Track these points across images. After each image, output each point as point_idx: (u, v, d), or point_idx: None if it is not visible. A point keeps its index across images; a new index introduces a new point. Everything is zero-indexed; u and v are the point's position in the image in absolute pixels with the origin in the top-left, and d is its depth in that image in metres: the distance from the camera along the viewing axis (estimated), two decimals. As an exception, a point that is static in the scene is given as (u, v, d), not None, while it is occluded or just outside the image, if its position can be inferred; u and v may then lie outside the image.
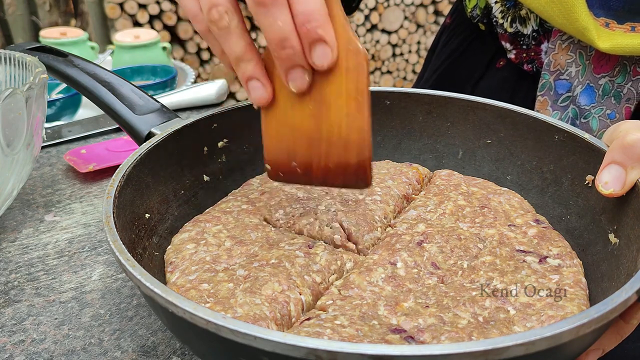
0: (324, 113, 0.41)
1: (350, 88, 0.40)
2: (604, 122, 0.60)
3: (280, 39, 0.38)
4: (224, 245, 0.46)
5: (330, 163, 0.42)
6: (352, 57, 0.39)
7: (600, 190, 0.41)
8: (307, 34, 0.38)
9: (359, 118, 0.40)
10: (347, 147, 0.41)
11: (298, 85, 0.40)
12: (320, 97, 0.41)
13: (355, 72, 0.40)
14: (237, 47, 0.41)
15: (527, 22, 0.64)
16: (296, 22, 0.38)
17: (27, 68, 0.59)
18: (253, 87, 0.42)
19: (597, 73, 0.59)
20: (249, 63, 0.41)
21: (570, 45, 0.60)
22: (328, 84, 0.40)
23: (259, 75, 0.42)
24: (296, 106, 0.42)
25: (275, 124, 0.43)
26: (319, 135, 0.42)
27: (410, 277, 0.42)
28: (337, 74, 0.40)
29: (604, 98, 0.60)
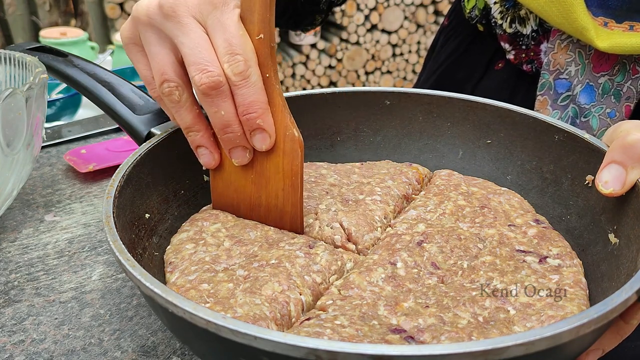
0: (264, 183, 0.47)
1: (287, 168, 0.45)
2: (604, 120, 0.60)
3: (223, 125, 0.43)
4: (223, 245, 0.46)
5: (269, 222, 0.48)
6: (288, 142, 0.44)
7: (600, 190, 0.41)
8: (247, 122, 0.43)
9: (293, 195, 0.46)
10: (282, 216, 0.47)
11: (239, 161, 0.46)
12: (261, 169, 0.46)
13: (291, 155, 0.45)
14: (186, 120, 0.44)
15: (527, 22, 0.64)
16: (238, 111, 0.42)
17: (27, 68, 0.59)
18: (202, 153, 0.47)
19: (596, 72, 0.60)
20: (198, 133, 0.45)
21: (569, 45, 0.60)
22: (268, 161, 0.46)
23: (207, 144, 0.46)
24: (240, 173, 0.47)
25: (222, 183, 0.49)
26: (259, 201, 0.48)
27: (410, 277, 0.42)
28: (276, 154, 0.45)
29: (604, 97, 0.60)
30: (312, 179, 0.55)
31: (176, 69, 0.43)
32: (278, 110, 0.44)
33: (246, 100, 0.42)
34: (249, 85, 0.42)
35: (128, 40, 0.46)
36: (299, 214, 0.47)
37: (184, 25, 0.41)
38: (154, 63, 0.43)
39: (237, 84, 0.41)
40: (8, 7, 2.07)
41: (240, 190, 0.48)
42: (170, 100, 0.44)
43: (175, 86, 0.43)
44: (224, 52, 0.41)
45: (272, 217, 0.48)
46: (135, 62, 0.46)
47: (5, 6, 2.07)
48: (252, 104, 0.42)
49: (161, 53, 0.43)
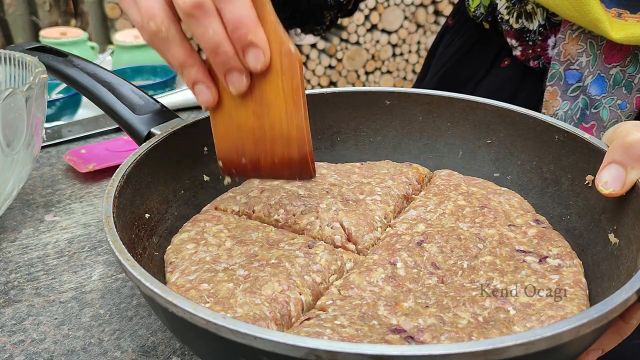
0: (265, 112, 0.44)
1: (287, 88, 0.43)
2: (614, 112, 0.60)
3: (213, 46, 0.40)
4: (224, 245, 0.46)
5: (275, 158, 0.45)
6: (285, 59, 0.42)
7: (600, 190, 0.41)
8: (238, 40, 0.40)
9: (297, 116, 0.43)
10: (288, 143, 0.44)
11: (237, 87, 0.43)
12: (260, 97, 0.43)
13: (290, 72, 0.42)
14: (178, 55, 0.42)
15: (534, 17, 0.64)
16: (227, 29, 0.40)
17: (27, 68, 0.59)
18: (199, 90, 0.44)
19: (608, 63, 0.59)
20: (192, 68, 0.43)
21: (580, 35, 0.60)
22: (266, 85, 0.43)
23: (203, 79, 0.44)
24: (240, 106, 0.44)
25: (223, 123, 0.46)
26: (263, 133, 0.44)
27: (410, 277, 0.42)
28: (274, 75, 0.42)
29: (615, 88, 0.59)
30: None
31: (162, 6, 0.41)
32: (270, 27, 0.41)
33: (234, 15, 0.40)
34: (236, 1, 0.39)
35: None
36: (306, 137, 0.44)
37: None
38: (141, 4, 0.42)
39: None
40: (8, 7, 2.07)
41: (243, 126, 0.45)
42: (158, 38, 0.42)
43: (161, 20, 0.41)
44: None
45: (279, 147, 0.45)
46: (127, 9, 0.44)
47: (5, 6, 2.07)
48: (240, 18, 0.40)
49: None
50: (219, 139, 0.47)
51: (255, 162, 0.46)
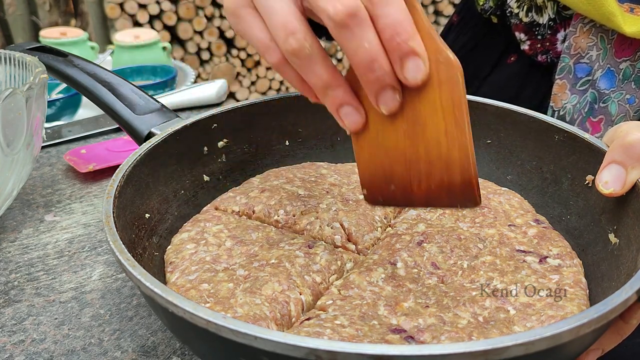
0: (420, 132, 0.38)
1: (446, 103, 0.37)
2: (623, 106, 0.60)
3: (368, 61, 0.35)
4: (224, 245, 0.46)
5: (432, 184, 0.39)
6: (443, 69, 0.36)
7: (600, 190, 0.41)
8: (396, 48, 0.35)
9: (459, 135, 0.37)
10: (449, 167, 0.38)
11: (390, 107, 0.37)
12: (413, 115, 0.38)
13: (449, 84, 0.36)
14: (322, 75, 0.37)
15: (544, 10, 0.64)
16: (383, 37, 0.35)
17: (27, 68, 0.59)
18: (346, 113, 0.39)
19: (618, 57, 0.59)
20: (338, 89, 0.38)
21: (591, 29, 0.60)
22: (420, 101, 0.38)
23: (350, 100, 0.39)
24: (389, 127, 0.39)
25: (369, 147, 0.41)
26: (417, 156, 0.39)
27: (410, 277, 0.42)
28: (430, 89, 0.37)
29: (624, 82, 0.59)
30: (312, 179, 0.55)
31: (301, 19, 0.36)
32: (425, 33, 0.36)
33: (392, 19, 0.34)
34: (392, 2, 0.34)
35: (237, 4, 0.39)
36: (471, 158, 0.38)
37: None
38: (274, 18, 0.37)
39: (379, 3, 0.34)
40: (8, 7, 2.07)
41: (392, 149, 0.40)
42: (299, 57, 0.37)
43: (304, 37, 0.36)
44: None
45: (436, 172, 0.39)
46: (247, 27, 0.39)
47: (5, 6, 2.07)
48: (399, 23, 0.34)
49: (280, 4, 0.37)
50: (364, 165, 0.42)
51: (406, 188, 0.40)
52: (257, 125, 0.57)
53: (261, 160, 0.58)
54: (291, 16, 0.36)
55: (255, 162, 0.57)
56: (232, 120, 0.55)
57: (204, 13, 2.29)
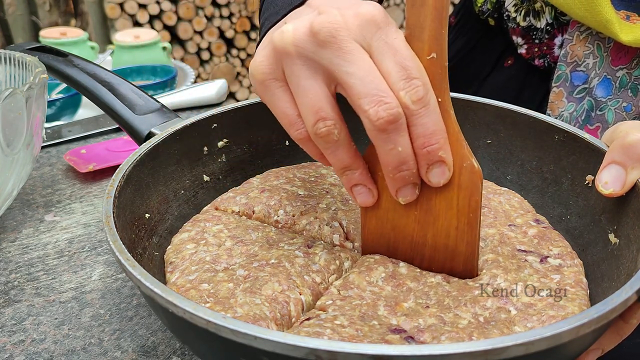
0: (431, 221, 0.41)
1: (462, 204, 0.39)
2: (619, 114, 0.60)
3: (398, 164, 0.37)
4: (224, 245, 0.46)
5: (433, 266, 0.42)
6: (466, 175, 0.39)
7: (600, 190, 0.41)
8: (426, 156, 0.37)
9: (470, 233, 0.40)
10: (453, 257, 0.41)
11: (408, 199, 0.40)
12: (428, 206, 0.40)
13: (469, 189, 0.39)
14: (344, 159, 0.39)
15: (542, 15, 0.63)
16: (415, 143, 0.37)
17: (27, 68, 0.59)
18: (358, 192, 0.41)
19: (614, 65, 0.59)
20: (356, 172, 0.40)
21: (588, 37, 0.60)
22: (438, 197, 0.40)
23: (366, 181, 0.41)
24: (400, 210, 0.41)
25: (376, 220, 0.43)
26: (424, 240, 0.42)
27: (412, 275, 0.42)
28: (449, 189, 0.39)
29: (621, 90, 0.59)
30: (312, 179, 0.55)
31: (332, 105, 0.37)
32: (454, 139, 0.38)
33: (428, 130, 0.36)
34: (430, 113, 0.36)
35: (267, 76, 0.39)
36: (475, 254, 0.41)
37: (348, 52, 0.35)
38: (305, 99, 0.37)
39: (417, 113, 0.36)
40: (8, 7, 2.07)
41: (400, 228, 0.42)
42: (326, 141, 0.38)
43: (333, 124, 0.37)
44: (398, 78, 0.35)
45: (439, 257, 0.42)
46: (275, 100, 0.39)
47: (5, 6, 2.07)
48: (433, 134, 0.36)
49: (314, 87, 0.37)
50: (368, 233, 0.44)
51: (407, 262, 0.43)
52: (257, 125, 0.57)
53: (261, 160, 0.58)
54: (324, 101, 0.37)
55: (255, 162, 0.57)
56: (232, 120, 0.55)
57: (204, 13, 2.29)
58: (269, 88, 0.39)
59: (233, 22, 2.36)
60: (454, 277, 0.42)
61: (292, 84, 0.38)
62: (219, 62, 2.40)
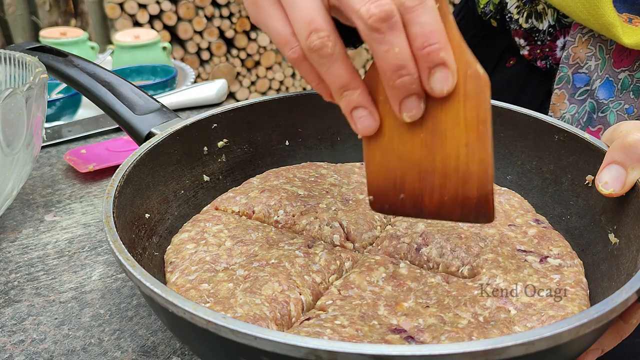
0: (438, 142, 0.37)
1: (470, 116, 0.36)
2: (621, 116, 0.60)
3: (397, 66, 0.35)
4: (224, 245, 0.46)
5: (445, 196, 0.38)
6: (471, 83, 0.36)
7: (600, 190, 0.41)
8: (426, 57, 0.35)
9: (481, 149, 0.37)
10: (466, 180, 0.37)
11: (413, 114, 0.37)
12: (433, 125, 0.37)
13: (476, 99, 0.36)
14: (342, 76, 0.37)
15: (544, 17, 0.63)
16: (414, 45, 0.34)
17: (27, 68, 0.59)
18: (359, 116, 0.38)
19: (616, 67, 0.59)
20: (355, 91, 0.37)
21: (590, 39, 0.60)
22: (443, 112, 0.37)
23: (366, 103, 0.38)
24: (405, 134, 0.38)
25: (380, 153, 0.40)
26: (433, 166, 0.38)
27: (412, 275, 0.42)
28: (454, 101, 0.36)
29: (623, 92, 0.59)
30: (312, 179, 0.55)
31: (326, 16, 0.35)
32: (455, 45, 0.35)
33: (425, 28, 0.34)
34: (427, 11, 0.34)
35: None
36: (490, 173, 0.37)
37: None
38: (297, 12, 0.35)
39: (414, 10, 0.34)
40: (8, 7, 2.08)
41: (406, 157, 0.39)
42: (320, 55, 0.35)
43: (327, 35, 0.35)
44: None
45: (451, 184, 0.38)
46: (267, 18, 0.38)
47: (5, 6, 2.07)
48: (432, 33, 0.34)
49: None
50: (373, 171, 0.40)
51: (417, 199, 0.39)
52: (257, 125, 0.57)
53: (261, 160, 0.58)
54: (316, 12, 0.35)
55: (255, 162, 0.57)
56: (232, 120, 0.55)
57: (204, 13, 2.29)
58: (261, 6, 0.38)
59: (233, 22, 2.36)
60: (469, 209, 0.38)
61: None
62: (219, 62, 2.40)
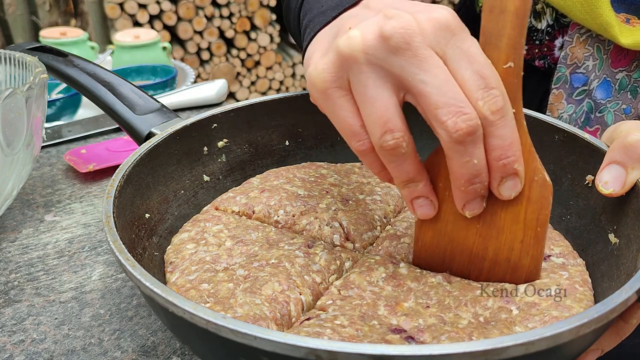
0: (494, 235, 0.40)
1: (530, 218, 0.38)
2: (619, 116, 0.60)
3: (472, 176, 0.36)
4: (224, 245, 0.46)
5: (492, 279, 0.41)
6: (536, 188, 0.38)
7: (600, 190, 0.41)
8: (502, 169, 0.36)
9: (536, 247, 0.39)
10: (515, 271, 0.40)
11: (474, 213, 0.38)
12: (491, 220, 0.39)
13: (539, 203, 0.38)
14: (409, 171, 0.37)
15: (542, 16, 0.63)
16: (490, 155, 0.35)
17: (27, 68, 0.59)
18: (420, 204, 0.39)
19: (614, 67, 0.59)
20: (419, 184, 0.38)
21: (588, 39, 0.60)
22: (503, 209, 0.39)
23: (429, 194, 0.39)
24: (460, 222, 0.40)
25: (433, 233, 0.41)
26: (484, 254, 0.40)
27: (412, 275, 0.42)
28: (517, 202, 0.38)
29: (620, 93, 0.59)
30: (312, 179, 0.55)
31: (401, 115, 0.36)
32: (526, 151, 0.37)
33: (505, 142, 0.35)
34: (507, 125, 0.34)
35: (330, 84, 0.36)
36: (539, 268, 0.40)
37: (423, 60, 0.34)
38: (372, 110, 0.35)
39: (496, 124, 0.34)
40: (8, 7, 2.08)
41: (459, 241, 0.41)
42: (393, 154, 0.36)
43: (402, 136, 0.35)
44: (476, 87, 0.34)
45: (499, 271, 0.41)
46: (337, 110, 0.37)
47: (5, 6, 2.07)
48: (510, 146, 0.35)
49: (382, 96, 0.35)
50: (423, 246, 0.42)
51: (463, 276, 0.42)
52: (257, 125, 0.57)
53: (261, 160, 0.58)
54: (392, 112, 0.35)
55: (255, 162, 0.57)
56: (232, 120, 0.55)
57: (204, 13, 2.29)
58: (331, 97, 0.37)
59: (233, 22, 2.36)
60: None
61: (358, 93, 0.36)
62: (219, 62, 2.40)
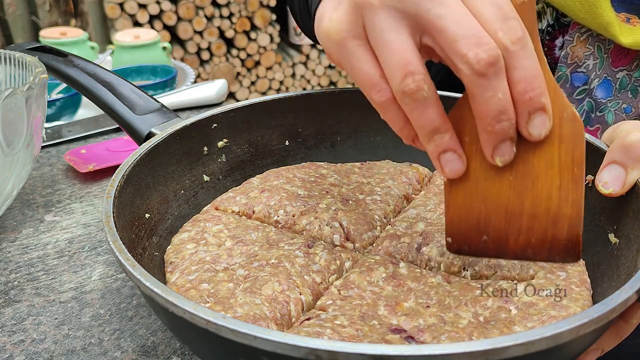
0: (529, 185, 0.37)
1: (565, 159, 0.36)
2: (619, 116, 0.60)
3: (497, 112, 0.34)
4: (224, 245, 0.46)
5: (532, 238, 0.38)
6: (567, 125, 0.36)
7: (600, 190, 0.41)
8: (528, 102, 0.34)
9: (575, 191, 0.37)
10: (556, 222, 0.38)
11: (506, 159, 0.36)
12: (524, 168, 0.37)
13: (572, 141, 0.36)
14: (434, 120, 0.35)
15: (543, 16, 0.63)
16: (514, 89, 0.34)
17: (27, 68, 0.59)
18: (447, 159, 0.37)
19: (614, 67, 0.59)
20: (446, 135, 0.36)
21: (589, 38, 0.60)
22: (536, 155, 0.37)
23: (456, 147, 0.37)
24: (492, 177, 0.38)
25: (464, 195, 0.39)
26: (521, 209, 0.38)
27: (412, 275, 0.42)
28: (549, 144, 0.36)
29: (621, 92, 0.59)
30: (312, 179, 0.55)
31: (419, 58, 0.34)
32: (551, 88, 0.35)
33: (528, 73, 0.33)
34: (528, 54, 0.33)
35: (346, 34, 0.36)
36: (581, 215, 0.37)
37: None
38: (390, 54, 0.34)
39: (517, 55, 0.33)
40: (8, 7, 2.07)
41: (492, 199, 0.38)
42: (414, 99, 0.34)
43: (423, 78, 0.34)
44: (494, 19, 0.33)
45: (540, 226, 0.38)
46: (354, 61, 0.36)
47: (5, 6, 2.07)
48: (534, 78, 0.33)
49: (400, 39, 0.34)
50: (454, 212, 0.40)
51: (501, 241, 0.39)
52: (257, 125, 0.57)
53: (261, 160, 0.58)
54: (411, 54, 0.34)
55: (255, 162, 0.57)
56: (232, 120, 0.55)
57: (204, 13, 2.29)
58: (348, 48, 0.36)
59: (233, 22, 2.36)
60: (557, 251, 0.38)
61: (376, 39, 0.35)
62: (219, 62, 2.40)
